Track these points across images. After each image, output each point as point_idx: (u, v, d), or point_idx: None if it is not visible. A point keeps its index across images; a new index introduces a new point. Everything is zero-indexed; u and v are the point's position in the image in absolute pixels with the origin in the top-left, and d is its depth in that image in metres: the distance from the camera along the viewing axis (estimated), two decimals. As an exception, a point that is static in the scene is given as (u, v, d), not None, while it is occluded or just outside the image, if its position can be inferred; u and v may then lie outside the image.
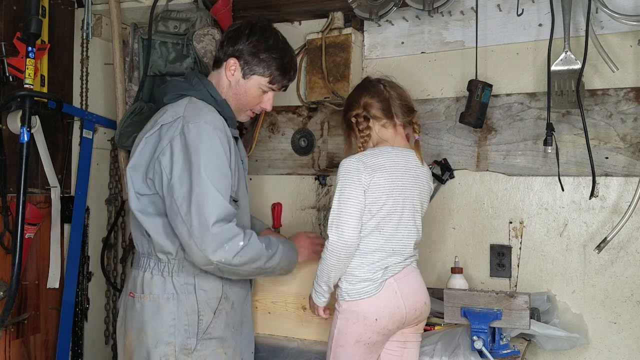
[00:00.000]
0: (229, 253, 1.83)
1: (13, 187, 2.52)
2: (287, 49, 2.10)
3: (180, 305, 1.94)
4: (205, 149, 1.86)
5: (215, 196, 1.83)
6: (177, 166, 1.86)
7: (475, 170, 2.54)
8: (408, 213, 2.02)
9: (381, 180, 1.94)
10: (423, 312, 2.05)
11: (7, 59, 2.46)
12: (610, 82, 2.34)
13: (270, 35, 2.06)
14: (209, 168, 1.85)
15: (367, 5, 2.45)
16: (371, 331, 1.95)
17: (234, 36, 2.04)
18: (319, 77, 2.65)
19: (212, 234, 1.81)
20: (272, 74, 2.05)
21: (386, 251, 1.98)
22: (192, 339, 1.93)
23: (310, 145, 2.83)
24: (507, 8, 2.45)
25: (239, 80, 2.05)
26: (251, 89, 2.06)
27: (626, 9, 2.24)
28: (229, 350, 2.01)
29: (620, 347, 2.32)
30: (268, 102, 2.11)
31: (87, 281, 2.93)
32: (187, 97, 2.02)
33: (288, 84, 2.13)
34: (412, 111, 2.09)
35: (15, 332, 2.61)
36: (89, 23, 2.83)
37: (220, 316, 1.99)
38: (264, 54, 2.03)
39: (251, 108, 2.11)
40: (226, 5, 2.68)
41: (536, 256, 2.45)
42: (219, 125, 1.93)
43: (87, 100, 2.92)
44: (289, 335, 2.34)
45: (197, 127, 1.88)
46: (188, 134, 1.87)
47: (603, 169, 2.34)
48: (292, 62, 2.10)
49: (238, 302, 2.07)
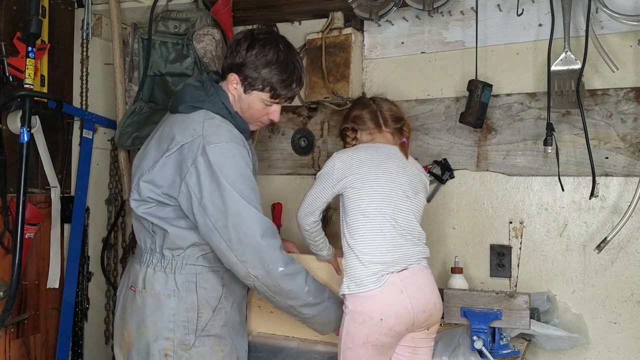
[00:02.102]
0: (267, 273, 1.87)
1: (13, 187, 2.52)
2: (289, 61, 2.00)
3: (180, 302, 1.95)
4: (231, 168, 1.88)
5: (252, 211, 1.87)
6: (206, 187, 1.87)
7: (475, 170, 2.54)
8: (396, 198, 2.03)
9: (359, 168, 2.05)
10: (433, 314, 2.01)
11: (7, 59, 2.46)
12: (610, 82, 2.34)
13: (271, 48, 1.97)
14: (237, 186, 1.87)
15: (367, 5, 2.45)
16: (378, 332, 1.94)
17: (234, 49, 2.00)
18: (319, 77, 2.65)
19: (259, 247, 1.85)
20: (273, 89, 1.99)
21: (377, 237, 1.98)
22: (191, 335, 1.95)
23: (310, 145, 2.83)
24: (507, 8, 2.45)
25: (241, 95, 2.01)
26: (254, 103, 2.02)
27: (626, 9, 2.24)
28: (226, 348, 2.02)
29: (620, 347, 2.32)
30: (275, 114, 2.08)
31: (87, 281, 2.93)
32: (202, 110, 1.98)
33: (294, 96, 2.08)
34: (400, 120, 2.22)
35: (15, 332, 2.61)
36: (89, 23, 2.83)
37: (220, 315, 2.00)
38: (264, 69, 1.96)
39: (258, 119, 2.09)
40: (226, 5, 2.68)
41: (536, 256, 2.45)
42: (239, 142, 1.94)
43: (87, 100, 2.92)
44: (289, 335, 2.34)
45: (219, 147, 1.88)
46: (211, 155, 1.87)
47: (603, 169, 2.34)
48: (294, 75, 2.01)
49: (237, 302, 2.07)
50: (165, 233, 1.96)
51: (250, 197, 1.88)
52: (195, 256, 1.97)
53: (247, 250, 1.85)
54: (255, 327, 2.38)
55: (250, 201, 1.88)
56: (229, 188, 1.86)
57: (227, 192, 1.86)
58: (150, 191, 1.95)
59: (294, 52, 2.05)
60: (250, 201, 1.87)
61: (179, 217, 1.95)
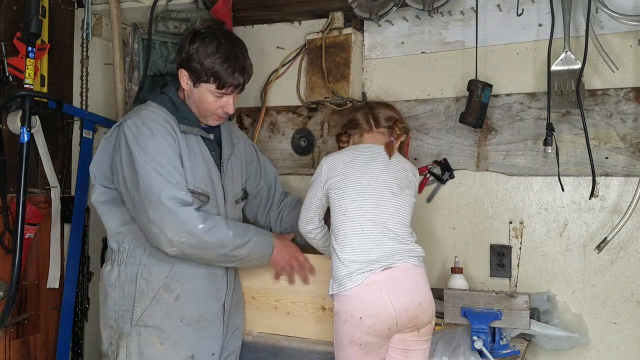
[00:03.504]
0: (189, 234, 1.94)
1: (13, 187, 2.52)
2: (231, 51, 2.06)
3: (121, 292, 2.07)
4: (143, 140, 1.99)
5: (160, 181, 1.95)
6: (125, 161, 2.00)
7: (475, 170, 2.54)
8: (379, 196, 2.04)
9: (343, 169, 2.10)
10: (419, 315, 1.96)
11: (7, 59, 2.47)
12: (610, 82, 2.34)
13: (212, 40, 2.05)
14: (149, 156, 1.97)
15: (367, 5, 2.45)
16: (360, 331, 1.93)
17: (180, 46, 2.10)
18: (319, 77, 2.65)
19: (168, 213, 1.92)
20: (217, 78, 2.05)
21: (358, 236, 1.99)
22: (127, 324, 2.05)
23: (310, 145, 2.83)
24: (507, 8, 2.45)
25: (192, 89, 2.10)
26: (204, 95, 2.09)
27: (626, 9, 2.24)
28: (168, 342, 2.04)
29: (620, 347, 2.32)
30: (229, 106, 2.12)
31: (87, 281, 2.94)
32: (147, 101, 2.14)
33: (240, 85, 2.11)
34: (391, 119, 2.26)
35: (15, 332, 2.62)
36: (89, 23, 2.84)
37: (158, 306, 2.04)
38: (206, 60, 2.03)
39: (214, 112, 2.13)
40: (226, 5, 2.68)
41: (536, 256, 2.45)
42: (156, 118, 2.03)
43: (87, 100, 2.92)
44: (289, 335, 2.34)
45: (133, 122, 2.02)
46: (127, 130, 2.01)
47: (603, 169, 2.34)
48: (236, 64, 2.06)
49: (194, 298, 2.09)
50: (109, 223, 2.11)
51: (161, 167, 1.96)
52: (140, 249, 2.08)
53: (165, 218, 1.93)
54: (255, 327, 2.38)
55: (161, 171, 1.95)
56: (139, 159, 1.96)
57: (137, 163, 1.96)
58: (97, 176, 2.12)
59: (238, 43, 2.14)
60: (160, 171, 1.95)
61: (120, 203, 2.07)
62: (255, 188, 2.44)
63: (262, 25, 2.94)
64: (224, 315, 2.18)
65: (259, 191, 2.45)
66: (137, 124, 2.00)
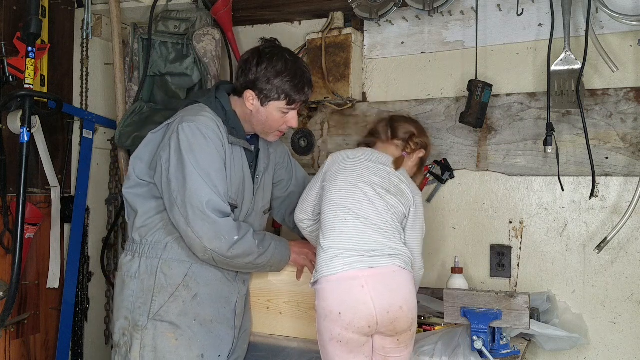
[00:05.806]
0: (225, 244, 1.97)
1: (13, 187, 2.52)
2: (297, 67, 2.11)
3: (140, 285, 2.07)
4: (197, 146, 2.00)
5: (207, 190, 1.97)
6: (173, 162, 2.00)
7: (475, 170, 2.54)
8: (362, 193, 2.04)
9: (339, 163, 2.14)
10: (400, 318, 1.92)
11: (7, 59, 2.47)
12: (610, 82, 2.34)
13: (279, 59, 2.09)
14: (200, 164, 1.98)
15: (367, 5, 2.45)
16: (339, 326, 1.91)
17: (244, 68, 2.12)
18: (319, 77, 2.65)
19: (209, 223, 1.95)
20: (288, 96, 2.09)
21: (339, 224, 2.00)
22: (144, 317, 2.05)
23: (310, 145, 2.83)
24: (507, 8, 2.45)
25: (259, 109, 2.12)
26: (272, 113, 2.12)
27: (626, 9, 2.24)
28: (182, 339, 2.05)
29: (620, 347, 2.32)
30: (293, 120, 2.17)
31: (87, 281, 2.94)
32: (198, 103, 2.14)
33: (307, 99, 2.18)
34: (408, 133, 2.27)
35: (15, 332, 2.62)
36: (89, 23, 2.84)
37: (176, 303, 2.06)
38: (276, 79, 2.07)
39: (277, 129, 2.18)
40: (226, 5, 2.68)
41: (536, 256, 2.45)
42: (212, 126, 2.05)
43: (87, 100, 2.92)
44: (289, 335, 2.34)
45: (190, 126, 2.02)
46: (182, 132, 2.01)
47: (603, 169, 2.34)
48: (304, 79, 2.12)
49: (209, 299, 2.10)
50: (135, 215, 2.11)
51: (209, 177, 1.98)
52: (162, 244, 2.08)
53: (205, 227, 1.95)
54: (255, 327, 2.38)
55: (208, 181, 1.98)
56: (190, 165, 1.97)
57: (187, 169, 1.98)
58: (136, 167, 2.12)
59: (300, 59, 2.18)
60: (207, 180, 1.97)
61: (151, 197, 2.09)
62: (285, 191, 2.44)
63: (262, 25, 2.94)
64: (234, 320, 2.18)
65: (289, 194, 2.44)
66: (192, 129, 2.01)
